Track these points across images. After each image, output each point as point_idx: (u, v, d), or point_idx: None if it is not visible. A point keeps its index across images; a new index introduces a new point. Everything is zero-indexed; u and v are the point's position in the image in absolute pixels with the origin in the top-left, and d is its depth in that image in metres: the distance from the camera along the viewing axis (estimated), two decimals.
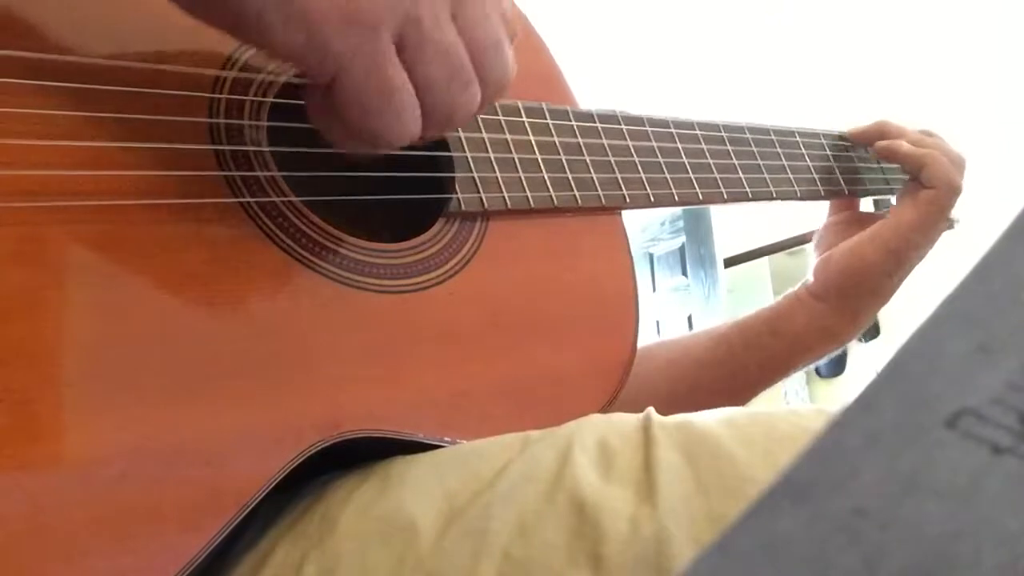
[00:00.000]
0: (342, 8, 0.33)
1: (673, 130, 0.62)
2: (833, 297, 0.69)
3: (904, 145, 0.70)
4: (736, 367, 0.68)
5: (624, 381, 0.52)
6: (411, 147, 0.41)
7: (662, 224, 4.52)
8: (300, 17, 0.33)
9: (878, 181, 0.79)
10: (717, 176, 0.63)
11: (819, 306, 0.69)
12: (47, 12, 0.38)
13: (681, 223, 4.43)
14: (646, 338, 0.67)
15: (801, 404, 3.34)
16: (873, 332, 3.53)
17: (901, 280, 0.71)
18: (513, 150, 0.52)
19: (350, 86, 0.35)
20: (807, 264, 0.73)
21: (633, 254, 0.58)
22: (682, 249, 4.49)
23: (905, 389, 0.15)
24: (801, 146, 0.72)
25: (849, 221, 0.73)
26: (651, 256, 4.64)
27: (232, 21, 0.35)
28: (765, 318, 0.70)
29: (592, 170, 0.56)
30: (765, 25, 3.04)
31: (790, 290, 0.72)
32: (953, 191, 0.68)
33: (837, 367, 3.70)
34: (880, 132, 0.74)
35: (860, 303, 0.69)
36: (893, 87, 3.12)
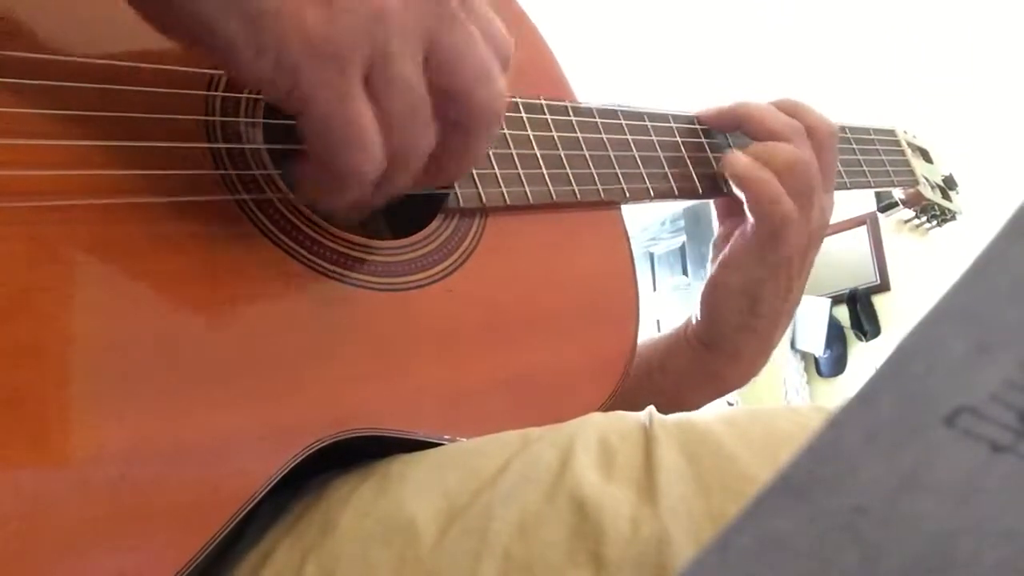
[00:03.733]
0: (313, 39, 0.33)
1: (673, 124, 0.62)
2: (708, 340, 0.62)
3: (734, 164, 0.58)
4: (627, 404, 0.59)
5: (625, 376, 0.52)
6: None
7: (663, 224, 4.53)
8: (270, 46, 0.33)
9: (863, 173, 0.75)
10: (718, 171, 0.63)
11: (700, 349, 0.62)
12: (38, 12, 0.38)
13: (682, 223, 4.44)
14: (647, 336, 0.64)
15: (802, 403, 3.33)
16: (875, 331, 3.54)
17: (775, 309, 0.61)
18: (511, 146, 0.52)
19: (316, 118, 0.35)
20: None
21: (634, 253, 0.58)
22: (683, 248, 4.50)
23: (904, 387, 0.15)
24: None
25: (725, 235, 0.62)
26: (652, 255, 4.66)
27: (204, 45, 0.34)
28: (655, 351, 0.63)
29: (591, 165, 0.55)
30: (763, 19, 3.03)
31: (679, 324, 0.64)
32: (773, 225, 0.57)
33: (838, 367, 3.71)
34: (736, 117, 0.62)
35: (732, 344, 0.61)
36: (893, 85, 3.12)
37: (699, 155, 0.62)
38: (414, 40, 0.36)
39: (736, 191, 0.59)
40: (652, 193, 0.58)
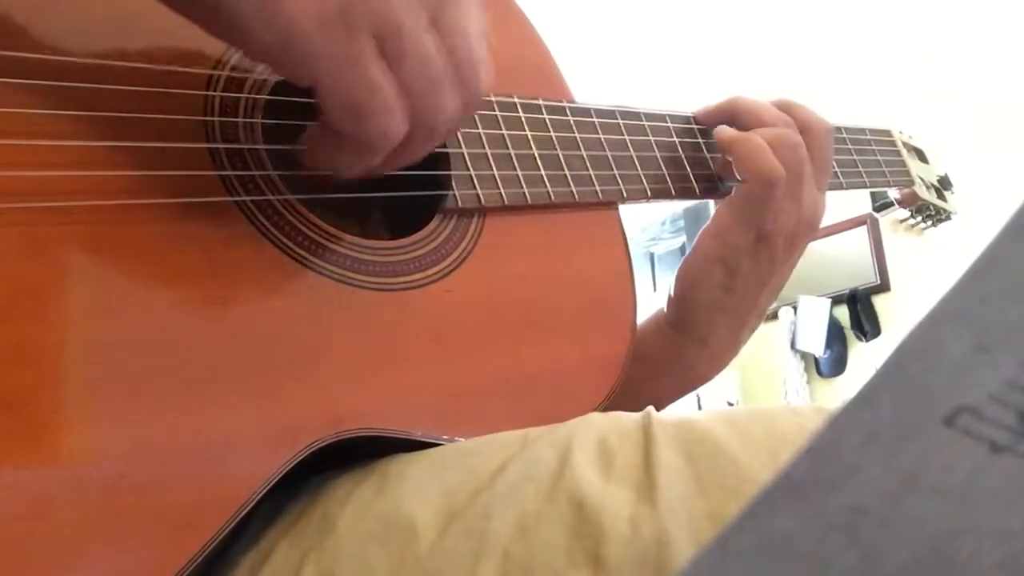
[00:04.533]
0: (321, 10, 0.33)
1: (669, 124, 0.62)
2: (678, 319, 0.60)
3: (721, 131, 0.61)
4: None
5: (622, 376, 0.52)
6: (409, 167, 0.41)
7: (663, 224, 4.54)
8: (278, 18, 0.33)
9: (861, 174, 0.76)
10: (715, 171, 0.63)
11: (670, 331, 0.61)
12: (38, 11, 0.38)
13: (682, 223, 4.45)
14: None
15: (802, 403, 3.33)
16: (875, 331, 3.54)
17: (749, 292, 0.59)
18: (510, 146, 0.52)
19: (333, 87, 0.35)
20: (810, 263, 0.68)
21: (634, 254, 0.57)
22: (683, 249, 4.51)
23: (903, 387, 0.15)
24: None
25: None
26: (652, 255, 4.66)
27: (210, 19, 0.34)
28: None
29: (589, 165, 0.55)
30: (761, 19, 3.03)
31: (654, 311, 0.63)
32: (763, 180, 0.56)
33: (838, 367, 3.71)
34: (729, 111, 0.63)
35: (702, 324, 0.60)
36: (889, 85, 3.11)
37: (696, 155, 0.62)
38: (422, 14, 0.36)
39: (728, 162, 0.59)
40: (649, 193, 0.58)
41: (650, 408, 0.38)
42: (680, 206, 4.27)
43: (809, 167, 0.59)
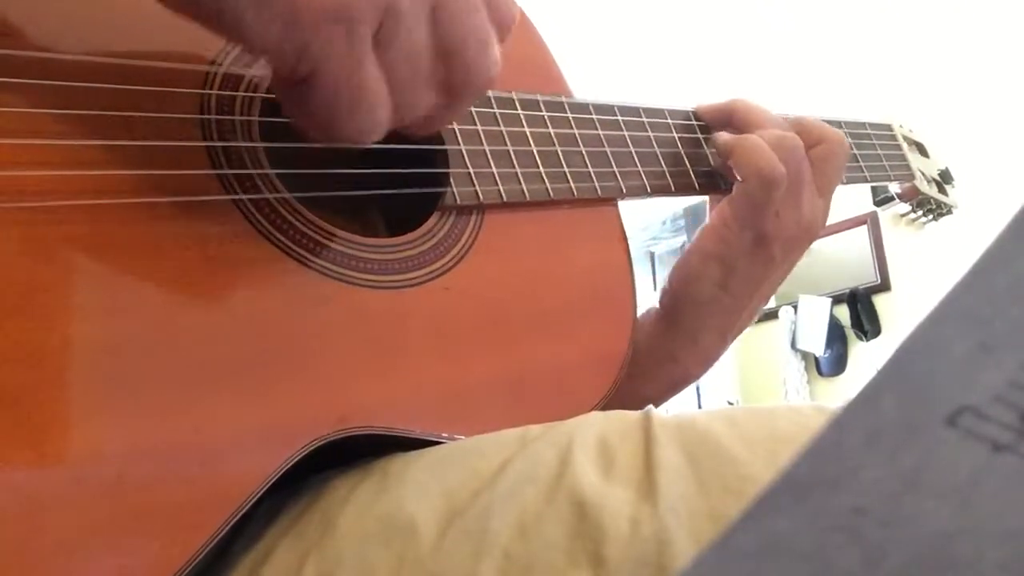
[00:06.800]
0: (323, 5, 0.33)
1: (669, 120, 0.62)
2: (670, 313, 0.60)
3: (720, 135, 0.60)
4: None
5: (622, 373, 0.52)
6: (402, 140, 0.41)
7: (664, 223, 4.54)
8: (278, 13, 0.33)
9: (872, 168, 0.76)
10: (714, 167, 0.63)
11: (660, 325, 0.60)
12: (30, 9, 0.38)
13: (682, 222, 4.45)
14: None
15: (802, 402, 3.33)
16: (875, 331, 3.54)
17: (743, 292, 0.59)
18: (508, 142, 0.52)
19: (325, 84, 0.34)
20: (810, 262, 0.68)
21: (634, 253, 0.57)
22: (683, 248, 4.50)
23: (905, 387, 0.15)
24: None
25: None
26: (652, 255, 4.66)
27: (206, 13, 0.34)
28: None
29: (588, 162, 0.55)
30: (762, 14, 3.03)
31: (648, 306, 0.62)
32: (761, 179, 0.56)
33: (838, 366, 3.71)
34: (731, 110, 0.63)
35: (693, 319, 0.59)
36: (890, 79, 3.11)
37: (696, 151, 0.62)
38: (424, 3, 0.35)
39: (728, 167, 0.59)
40: (649, 189, 0.58)
41: (650, 407, 0.38)
42: (680, 205, 4.27)
43: (809, 171, 0.59)
